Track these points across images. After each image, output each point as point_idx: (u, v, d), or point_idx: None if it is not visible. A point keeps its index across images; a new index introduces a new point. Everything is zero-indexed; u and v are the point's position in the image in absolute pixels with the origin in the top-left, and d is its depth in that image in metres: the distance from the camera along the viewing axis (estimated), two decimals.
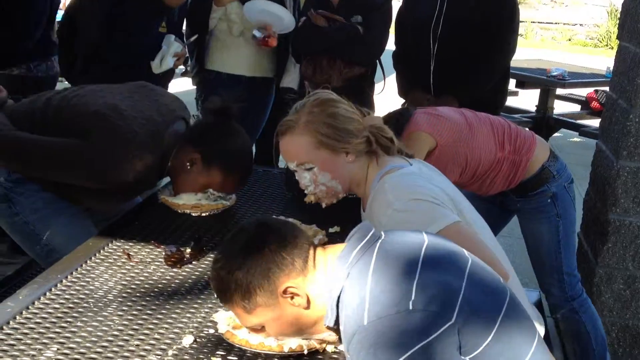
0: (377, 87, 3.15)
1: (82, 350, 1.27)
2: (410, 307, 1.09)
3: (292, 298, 1.21)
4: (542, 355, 1.20)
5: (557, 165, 2.19)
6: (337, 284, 1.19)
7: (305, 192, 1.68)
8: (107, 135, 1.83)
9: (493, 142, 2.11)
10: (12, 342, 1.28)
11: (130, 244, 1.77)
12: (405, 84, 2.97)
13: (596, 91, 5.75)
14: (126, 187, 1.89)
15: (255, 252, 1.22)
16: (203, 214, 1.95)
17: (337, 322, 1.20)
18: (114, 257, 1.69)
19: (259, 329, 1.27)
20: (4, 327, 1.33)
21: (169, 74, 2.93)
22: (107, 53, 2.71)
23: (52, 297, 1.46)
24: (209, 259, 1.72)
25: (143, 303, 1.47)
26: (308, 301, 1.22)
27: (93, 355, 1.26)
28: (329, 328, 1.24)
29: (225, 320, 1.36)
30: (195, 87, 3.25)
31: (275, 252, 1.21)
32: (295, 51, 3.10)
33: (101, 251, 1.71)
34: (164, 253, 1.69)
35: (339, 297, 1.18)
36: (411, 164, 1.63)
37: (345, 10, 2.97)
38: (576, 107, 6.14)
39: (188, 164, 1.92)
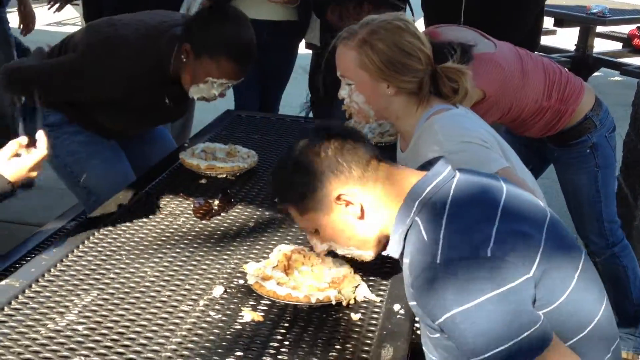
0: None
1: (115, 302, 1.30)
2: (489, 254, 1.04)
3: (346, 205, 1.18)
4: (609, 314, 1.18)
5: (601, 114, 2.09)
6: (406, 217, 1.15)
7: (344, 104, 1.66)
8: (95, 44, 1.92)
9: (542, 91, 2.02)
10: (47, 294, 1.31)
11: (159, 196, 1.78)
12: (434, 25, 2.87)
13: (639, 28, 5.49)
14: (136, 98, 1.91)
15: (312, 155, 1.19)
16: (219, 176, 1.92)
17: (401, 254, 1.18)
18: (144, 209, 1.70)
19: (312, 232, 1.25)
20: (39, 279, 1.36)
21: None
22: (131, 6, 2.68)
23: (85, 249, 1.49)
24: (237, 210, 1.73)
25: (174, 255, 1.49)
26: (362, 211, 1.18)
27: (126, 306, 1.29)
28: (388, 258, 1.22)
29: (254, 272, 1.36)
30: None
31: (331, 157, 1.18)
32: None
33: (130, 202, 1.73)
34: (192, 205, 1.70)
35: (407, 231, 1.15)
36: (457, 107, 1.59)
37: None
38: (617, 45, 5.89)
39: (183, 57, 1.92)
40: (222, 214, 1.69)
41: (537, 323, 1.05)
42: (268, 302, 1.31)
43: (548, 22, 5.35)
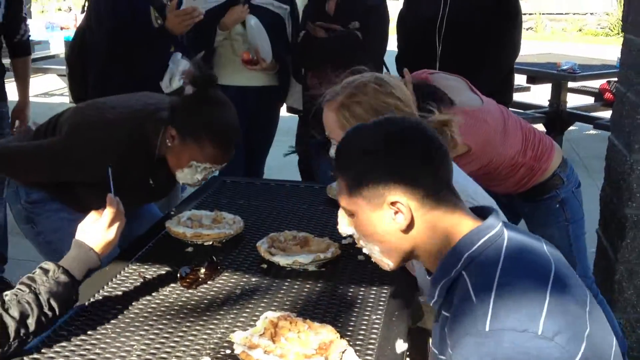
0: None
1: None
2: (540, 332, 0.99)
3: (395, 213, 1.14)
4: None
5: (567, 171, 2.19)
6: (452, 267, 1.11)
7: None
8: (76, 126, 1.96)
9: (519, 148, 2.10)
10: None
11: (145, 266, 1.79)
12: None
13: (609, 82, 5.69)
14: (121, 181, 1.86)
15: (394, 148, 1.13)
16: (205, 244, 1.94)
17: (439, 303, 1.14)
18: (131, 280, 1.71)
19: (349, 214, 1.20)
20: (25, 358, 1.35)
21: (179, 93, 2.97)
22: (116, 76, 2.75)
23: (72, 323, 1.48)
24: (224, 278, 1.74)
25: (160, 326, 1.49)
26: (408, 226, 1.14)
27: None
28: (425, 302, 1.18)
29: (240, 341, 1.37)
30: None
31: (411, 161, 1.13)
32: (298, 66, 3.13)
33: (117, 276, 1.73)
34: (178, 274, 1.71)
35: (452, 284, 1.11)
36: None
37: (342, 18, 3.00)
38: (590, 99, 6.09)
39: (168, 141, 1.94)
40: (208, 282, 1.70)
41: None
42: None
43: (521, 79, 5.55)
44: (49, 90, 7.79)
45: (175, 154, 1.96)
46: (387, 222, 1.15)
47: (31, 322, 1.35)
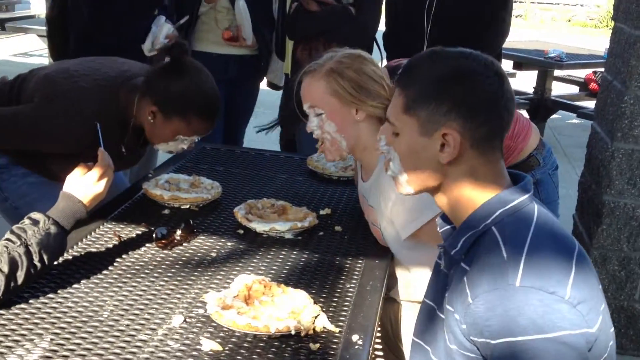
0: None
1: (72, 330, 1.28)
2: (566, 296, 1.02)
3: (441, 145, 1.11)
4: None
5: (544, 152, 2.21)
6: (482, 220, 1.11)
7: (314, 137, 1.72)
8: (49, 95, 1.86)
9: None
10: (3, 322, 1.29)
11: (121, 226, 1.77)
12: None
13: (595, 72, 5.72)
14: (93, 151, 1.77)
15: (470, 82, 1.10)
16: (182, 207, 1.92)
17: (461, 254, 1.13)
18: (105, 239, 1.69)
19: (392, 132, 1.17)
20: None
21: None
22: (97, 36, 2.69)
23: (43, 280, 1.47)
24: (199, 241, 1.73)
25: (133, 284, 1.48)
26: (450, 163, 1.11)
27: (84, 335, 1.27)
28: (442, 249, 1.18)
29: (214, 301, 1.37)
30: None
31: (482, 100, 1.09)
32: (287, 37, 3.11)
33: (92, 233, 1.72)
34: (154, 235, 1.70)
35: (477, 237, 1.10)
36: None
37: None
38: (575, 89, 6.13)
39: (150, 117, 1.89)
40: (184, 244, 1.69)
41: None
42: (227, 332, 1.31)
43: (507, 65, 5.56)
44: (29, 50, 7.64)
45: (158, 129, 1.90)
46: (431, 151, 1.12)
47: (20, 275, 1.34)
